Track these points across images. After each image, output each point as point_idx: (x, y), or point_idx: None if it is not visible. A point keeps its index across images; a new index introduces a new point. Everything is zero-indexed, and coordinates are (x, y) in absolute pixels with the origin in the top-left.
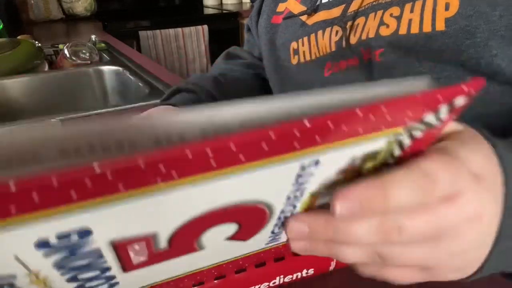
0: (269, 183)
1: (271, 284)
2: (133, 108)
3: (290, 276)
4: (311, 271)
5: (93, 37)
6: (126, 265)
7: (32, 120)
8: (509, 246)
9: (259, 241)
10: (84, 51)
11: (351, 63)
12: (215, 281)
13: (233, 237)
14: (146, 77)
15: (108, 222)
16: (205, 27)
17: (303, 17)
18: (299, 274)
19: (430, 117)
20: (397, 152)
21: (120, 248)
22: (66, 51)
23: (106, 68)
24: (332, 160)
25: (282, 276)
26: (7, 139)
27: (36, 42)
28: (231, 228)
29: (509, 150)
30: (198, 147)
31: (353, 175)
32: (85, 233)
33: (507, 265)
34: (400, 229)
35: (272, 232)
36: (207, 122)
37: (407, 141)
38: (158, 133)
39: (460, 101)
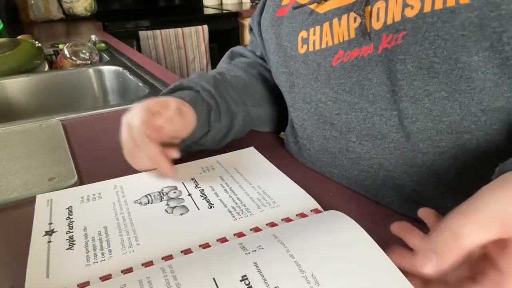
0: None
1: None
2: None
3: None
4: None
5: (93, 37)
6: None
7: (32, 120)
8: None
9: None
10: (84, 51)
11: (363, 52)
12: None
13: None
14: (146, 77)
15: None
16: (205, 27)
17: (312, 6)
18: None
19: None
20: None
21: None
22: (66, 51)
23: (106, 68)
24: None
25: None
26: None
27: (36, 42)
28: None
29: None
30: None
31: None
32: None
33: None
34: None
35: None
36: None
37: None
38: None
39: None
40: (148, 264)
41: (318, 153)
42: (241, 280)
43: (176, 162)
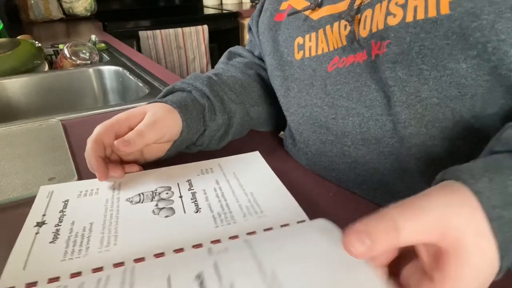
0: None
1: None
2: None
3: None
4: None
5: (93, 37)
6: None
7: (32, 120)
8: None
9: None
10: (84, 51)
11: (358, 58)
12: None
13: None
14: (146, 77)
15: None
16: (205, 27)
17: (307, 12)
18: None
19: None
20: None
21: None
22: (66, 51)
23: (106, 68)
24: None
25: None
26: None
27: (36, 42)
28: None
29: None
30: None
31: None
32: None
33: None
34: None
35: None
36: None
37: None
38: None
39: None
40: (119, 265)
41: (316, 157)
42: (196, 277)
43: (179, 162)
